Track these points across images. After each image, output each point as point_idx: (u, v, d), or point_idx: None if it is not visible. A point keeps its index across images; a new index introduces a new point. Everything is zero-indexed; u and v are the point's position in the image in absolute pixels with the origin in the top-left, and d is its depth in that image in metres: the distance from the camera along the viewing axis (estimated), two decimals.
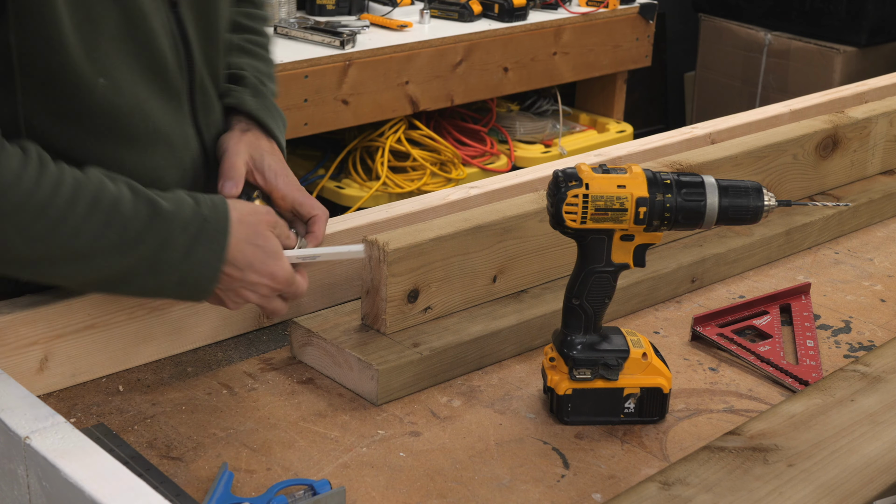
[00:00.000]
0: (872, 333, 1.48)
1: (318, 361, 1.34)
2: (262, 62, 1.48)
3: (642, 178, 1.20)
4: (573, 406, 1.24)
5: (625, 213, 1.19)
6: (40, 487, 0.97)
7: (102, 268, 1.14)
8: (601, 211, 1.18)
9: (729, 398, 1.32)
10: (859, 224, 1.83)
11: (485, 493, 1.12)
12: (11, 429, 1.00)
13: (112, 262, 1.14)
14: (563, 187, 1.18)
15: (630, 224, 1.19)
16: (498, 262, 1.43)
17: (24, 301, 1.25)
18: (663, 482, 1.06)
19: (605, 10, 3.66)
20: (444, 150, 3.34)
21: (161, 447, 1.18)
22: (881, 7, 4.25)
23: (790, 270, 1.67)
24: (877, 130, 1.91)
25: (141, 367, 1.33)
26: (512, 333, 1.38)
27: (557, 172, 1.20)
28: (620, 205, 1.18)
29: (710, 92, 4.69)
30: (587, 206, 1.18)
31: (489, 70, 3.36)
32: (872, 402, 1.21)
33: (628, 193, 1.19)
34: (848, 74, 4.22)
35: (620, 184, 1.19)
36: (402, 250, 1.32)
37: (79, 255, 1.12)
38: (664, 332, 1.47)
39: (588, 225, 1.19)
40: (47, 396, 1.26)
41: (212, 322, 1.38)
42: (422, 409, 1.27)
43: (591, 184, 1.18)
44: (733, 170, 1.67)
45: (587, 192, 1.18)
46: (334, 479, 1.13)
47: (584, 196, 1.18)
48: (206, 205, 1.19)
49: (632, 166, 1.21)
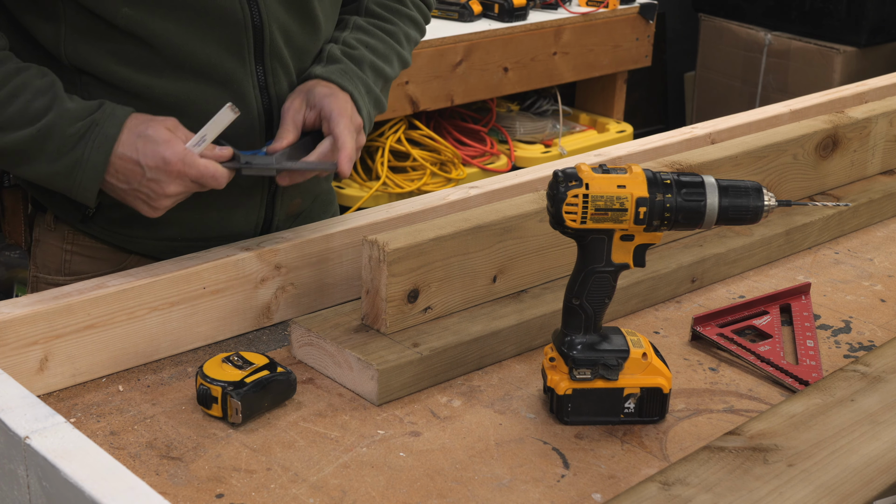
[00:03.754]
0: (872, 333, 1.48)
1: (318, 361, 1.34)
2: (375, 38, 1.55)
3: (642, 178, 1.20)
4: (573, 406, 1.24)
5: (625, 213, 1.19)
6: (40, 487, 0.97)
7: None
8: (601, 211, 1.18)
9: (729, 398, 1.32)
10: (859, 224, 1.83)
11: (485, 493, 1.12)
12: (11, 429, 1.00)
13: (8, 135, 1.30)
14: (563, 187, 1.18)
15: (630, 224, 1.19)
16: (498, 262, 1.43)
17: (24, 301, 1.25)
18: (663, 482, 1.06)
19: (605, 10, 3.66)
20: (444, 150, 3.35)
21: (161, 447, 1.18)
22: (881, 7, 4.25)
23: (790, 270, 1.67)
24: (877, 130, 1.91)
25: (141, 367, 1.33)
26: (512, 333, 1.38)
27: (557, 172, 1.20)
28: (620, 205, 1.18)
29: (710, 92, 4.69)
30: (587, 206, 1.18)
31: (489, 70, 3.36)
32: (872, 402, 1.21)
33: (628, 193, 1.19)
34: (848, 74, 4.22)
35: (620, 184, 1.19)
36: (402, 250, 1.32)
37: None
38: (664, 332, 1.47)
39: (588, 225, 1.19)
40: (47, 396, 1.26)
41: (212, 322, 1.38)
42: (422, 409, 1.27)
43: (591, 184, 1.18)
44: (733, 170, 1.67)
45: (587, 192, 1.18)
46: (334, 479, 1.14)
47: (584, 196, 1.18)
48: (106, 110, 1.33)
49: (632, 166, 1.21)
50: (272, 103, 1.46)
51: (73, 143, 1.31)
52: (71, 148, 1.31)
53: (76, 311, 1.26)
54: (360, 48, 1.52)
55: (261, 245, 1.41)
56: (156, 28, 1.35)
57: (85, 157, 1.31)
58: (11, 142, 1.31)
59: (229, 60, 1.41)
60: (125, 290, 1.29)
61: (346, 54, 1.50)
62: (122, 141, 1.32)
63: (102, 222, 1.48)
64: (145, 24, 1.35)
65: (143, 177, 1.32)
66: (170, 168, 1.31)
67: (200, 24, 1.37)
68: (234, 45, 1.40)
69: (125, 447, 1.18)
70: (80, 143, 1.31)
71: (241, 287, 1.39)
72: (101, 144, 1.31)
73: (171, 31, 1.36)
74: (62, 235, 1.52)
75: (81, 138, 1.31)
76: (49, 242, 1.54)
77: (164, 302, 1.32)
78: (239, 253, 1.38)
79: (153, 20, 1.35)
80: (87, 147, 1.31)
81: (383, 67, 1.54)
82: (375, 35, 1.56)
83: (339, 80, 1.46)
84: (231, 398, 1.21)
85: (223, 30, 1.38)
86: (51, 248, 1.54)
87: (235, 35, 1.40)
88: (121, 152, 1.32)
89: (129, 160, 1.32)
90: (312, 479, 1.13)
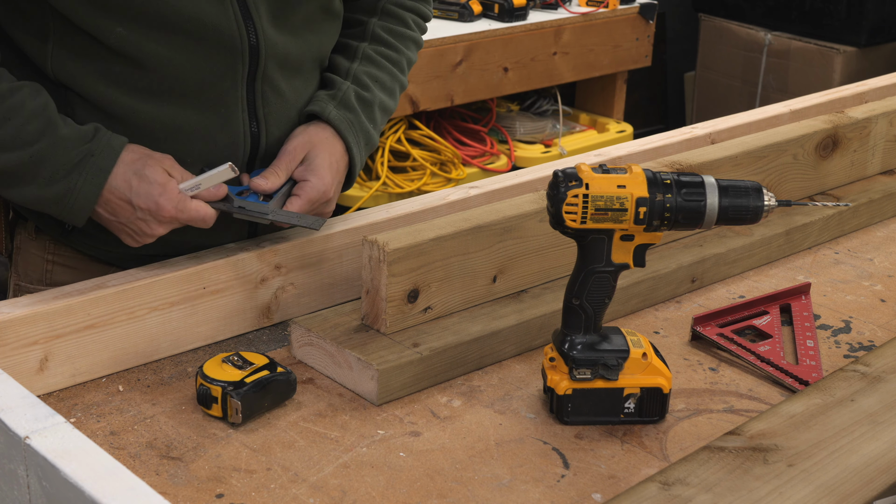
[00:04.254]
0: (872, 333, 1.48)
1: (318, 361, 1.34)
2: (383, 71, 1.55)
3: (642, 177, 1.20)
4: (573, 406, 1.24)
5: (625, 213, 1.19)
6: (40, 487, 0.97)
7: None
8: (601, 211, 1.18)
9: (729, 398, 1.32)
10: (859, 224, 1.83)
11: (485, 493, 1.12)
12: (11, 429, 0.99)
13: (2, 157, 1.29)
14: (563, 187, 1.18)
15: (630, 224, 1.19)
16: (498, 262, 1.43)
17: (24, 301, 1.25)
18: (663, 482, 1.06)
19: (605, 10, 3.66)
20: (444, 150, 3.35)
21: (161, 447, 1.18)
22: (881, 7, 4.25)
23: (790, 270, 1.67)
24: (877, 130, 1.91)
25: (141, 367, 1.33)
26: (512, 333, 1.38)
27: (557, 172, 1.20)
28: (620, 205, 1.18)
29: (710, 92, 4.69)
30: (587, 206, 1.18)
31: (489, 70, 3.36)
32: (872, 402, 1.21)
33: (628, 193, 1.18)
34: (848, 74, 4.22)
35: (620, 184, 1.19)
36: (402, 250, 1.32)
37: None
38: (664, 332, 1.47)
39: (588, 225, 1.19)
40: (47, 396, 1.26)
41: (212, 322, 1.38)
42: (422, 409, 1.27)
43: (591, 184, 1.18)
44: (733, 170, 1.67)
45: (587, 192, 1.18)
46: (334, 479, 1.14)
47: (584, 196, 1.18)
48: (101, 140, 1.31)
49: (632, 166, 1.21)
50: (259, 125, 1.44)
51: (67, 172, 1.30)
52: (64, 176, 1.30)
53: (76, 311, 1.26)
54: (372, 88, 1.52)
55: (261, 245, 1.41)
56: (149, 50, 1.33)
57: (77, 187, 1.30)
58: (2, 163, 1.29)
59: (220, 84, 1.39)
60: (125, 290, 1.29)
61: (359, 99, 1.50)
62: (117, 174, 1.31)
63: (83, 237, 1.46)
64: (139, 46, 1.33)
65: (132, 215, 1.32)
66: (162, 213, 1.31)
67: (195, 47, 1.35)
68: (227, 70, 1.39)
69: (125, 447, 1.18)
70: (73, 172, 1.30)
71: (241, 287, 1.39)
72: (94, 176, 1.30)
73: (165, 54, 1.34)
74: (43, 245, 1.51)
75: (75, 167, 1.30)
76: (30, 252, 1.52)
77: (164, 302, 1.32)
78: (239, 253, 1.39)
79: (147, 42, 1.33)
80: (81, 178, 1.30)
81: (388, 104, 1.55)
82: (384, 68, 1.56)
83: (346, 133, 1.46)
84: (231, 398, 1.21)
85: (218, 54, 1.37)
86: (32, 258, 1.52)
87: (230, 59, 1.38)
88: (114, 186, 1.31)
89: (121, 196, 1.31)
90: (312, 479, 1.13)
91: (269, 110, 1.44)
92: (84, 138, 1.31)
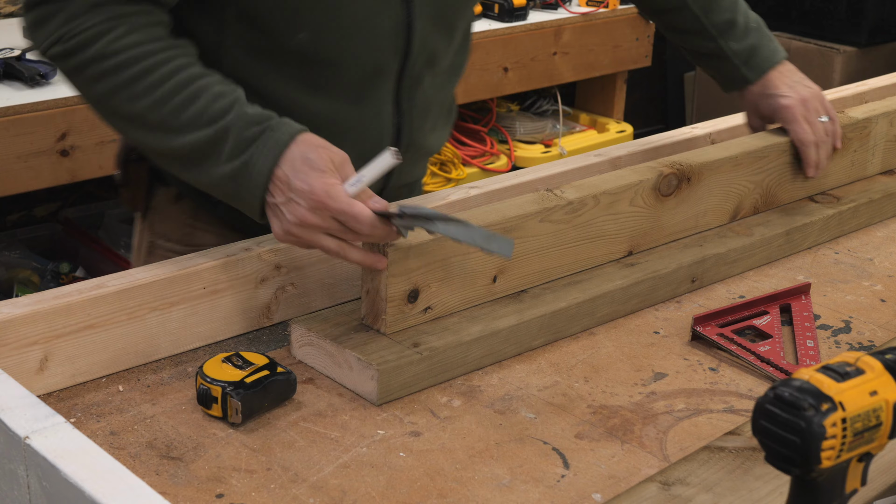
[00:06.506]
0: (872, 333, 1.48)
1: (318, 361, 1.34)
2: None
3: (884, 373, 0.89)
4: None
5: (878, 429, 0.88)
6: (40, 487, 0.97)
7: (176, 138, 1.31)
8: (858, 434, 0.86)
9: (729, 398, 1.32)
10: (859, 224, 1.83)
11: (485, 493, 1.12)
12: (11, 429, 0.99)
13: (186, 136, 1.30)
14: (814, 414, 0.84)
15: (883, 440, 0.89)
16: (498, 262, 1.43)
17: (24, 301, 1.25)
18: (663, 482, 1.06)
19: (605, 10, 3.66)
20: (444, 150, 3.35)
21: (161, 447, 1.18)
22: (881, 7, 4.25)
23: (790, 270, 1.67)
24: (877, 130, 1.91)
25: (141, 367, 1.33)
26: (512, 333, 1.38)
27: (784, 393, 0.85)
28: (877, 419, 0.87)
29: (710, 92, 4.69)
30: (846, 432, 0.86)
31: (489, 70, 3.36)
32: None
33: (882, 401, 0.88)
34: (848, 74, 4.22)
35: (871, 390, 0.88)
36: (402, 250, 1.32)
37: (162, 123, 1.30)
38: (664, 332, 1.47)
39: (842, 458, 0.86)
40: (47, 396, 1.26)
41: (212, 322, 1.38)
42: (422, 409, 1.27)
43: (845, 401, 0.85)
44: (733, 170, 1.67)
45: (844, 413, 0.85)
46: (334, 479, 1.14)
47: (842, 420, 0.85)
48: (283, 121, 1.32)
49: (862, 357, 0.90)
50: (402, 118, 1.51)
51: (247, 146, 1.29)
52: (244, 150, 1.30)
53: (76, 311, 1.26)
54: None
55: (261, 245, 1.41)
56: (324, 50, 1.39)
57: (253, 161, 1.29)
58: (189, 142, 1.30)
59: (376, 78, 1.46)
60: (125, 290, 1.29)
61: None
62: (290, 152, 1.29)
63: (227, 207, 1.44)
64: (316, 48, 1.39)
65: (287, 190, 1.28)
66: (313, 196, 1.26)
67: (363, 45, 1.41)
68: (386, 65, 1.46)
69: (125, 447, 1.18)
70: (252, 146, 1.29)
71: (241, 287, 1.39)
72: (270, 149, 1.29)
73: (337, 53, 1.40)
74: (184, 210, 1.56)
75: (254, 141, 1.30)
76: (170, 213, 1.57)
77: (164, 302, 1.32)
78: (239, 253, 1.38)
79: (324, 44, 1.38)
80: (258, 150, 1.29)
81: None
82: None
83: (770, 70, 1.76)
84: (231, 398, 1.21)
85: (380, 51, 1.44)
86: (172, 220, 1.57)
87: (389, 56, 1.45)
88: (284, 162, 1.29)
89: (282, 176, 1.29)
90: (312, 479, 1.13)
91: (412, 104, 1.51)
92: (266, 116, 1.32)
